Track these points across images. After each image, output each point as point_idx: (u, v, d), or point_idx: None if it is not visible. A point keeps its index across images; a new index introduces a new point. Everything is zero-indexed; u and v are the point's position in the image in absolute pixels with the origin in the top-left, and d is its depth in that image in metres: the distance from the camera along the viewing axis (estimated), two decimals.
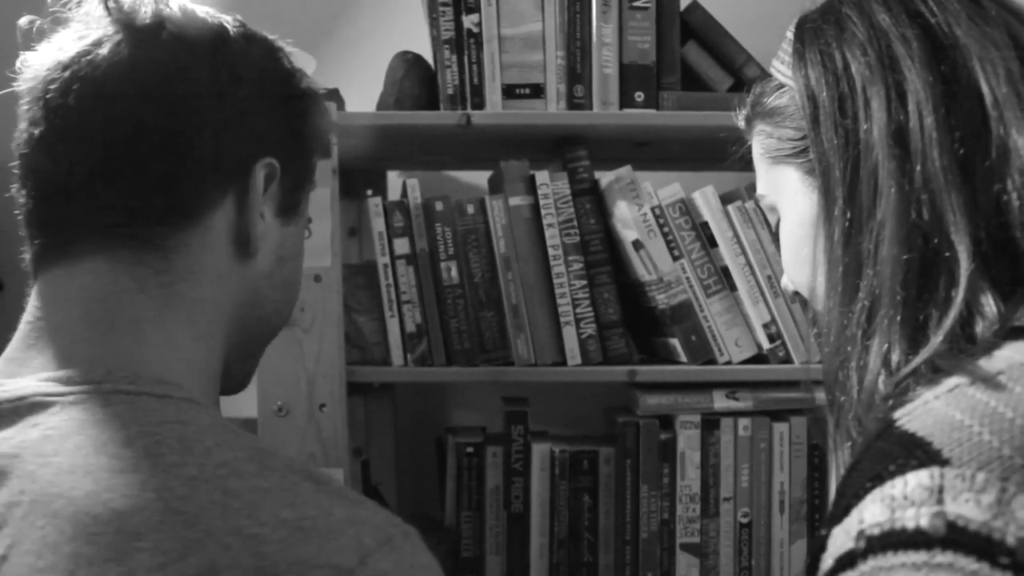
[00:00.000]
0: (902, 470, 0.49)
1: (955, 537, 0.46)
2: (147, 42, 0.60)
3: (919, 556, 0.46)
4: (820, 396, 1.19)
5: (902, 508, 0.48)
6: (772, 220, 0.77)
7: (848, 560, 0.49)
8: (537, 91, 1.21)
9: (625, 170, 1.21)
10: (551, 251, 1.20)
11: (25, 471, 0.51)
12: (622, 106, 1.21)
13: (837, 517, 0.52)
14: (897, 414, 0.53)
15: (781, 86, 0.71)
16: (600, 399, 1.41)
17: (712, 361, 1.21)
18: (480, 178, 1.48)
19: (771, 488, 1.22)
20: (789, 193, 0.71)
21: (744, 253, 1.20)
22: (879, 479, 0.50)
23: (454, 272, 1.20)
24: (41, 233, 0.61)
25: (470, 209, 1.21)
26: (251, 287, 0.66)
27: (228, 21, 0.65)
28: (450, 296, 1.20)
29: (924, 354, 0.56)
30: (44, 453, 0.51)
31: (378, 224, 1.20)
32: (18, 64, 0.62)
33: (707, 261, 1.21)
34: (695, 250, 1.21)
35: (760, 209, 1.21)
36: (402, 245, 1.20)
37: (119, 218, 0.60)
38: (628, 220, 1.19)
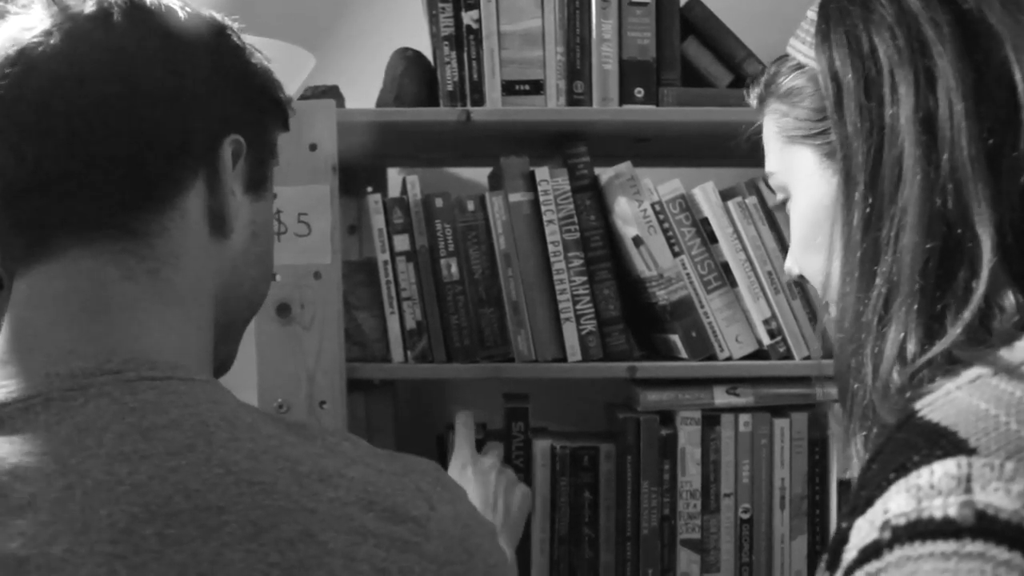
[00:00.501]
0: (927, 460, 0.49)
1: (985, 526, 0.45)
2: (99, 28, 0.58)
3: (948, 545, 0.46)
4: (821, 391, 1.20)
5: (929, 498, 0.47)
6: (778, 199, 0.77)
7: (873, 550, 0.48)
8: (537, 87, 1.21)
9: (625, 166, 1.21)
10: (551, 247, 1.20)
11: (67, 466, 0.50)
12: (622, 102, 1.21)
13: (859, 508, 0.51)
14: (918, 405, 0.53)
15: (800, 66, 0.70)
16: (601, 395, 1.41)
17: (712, 357, 1.21)
18: (480, 175, 1.48)
19: (772, 484, 1.22)
20: (803, 174, 0.70)
21: (744, 249, 1.20)
22: (903, 469, 0.49)
23: (454, 269, 1.20)
24: (15, 233, 0.59)
25: (470, 206, 1.21)
26: (230, 266, 0.67)
27: (173, 3, 0.63)
28: (450, 293, 1.20)
29: (941, 345, 0.56)
30: (85, 447, 0.50)
31: (378, 221, 1.20)
32: None
33: (707, 257, 1.21)
34: (695, 246, 1.21)
35: (761, 204, 1.20)
36: (402, 242, 1.20)
37: (95, 209, 0.59)
38: (628, 216, 1.19)
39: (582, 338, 1.20)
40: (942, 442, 0.49)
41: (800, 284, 0.77)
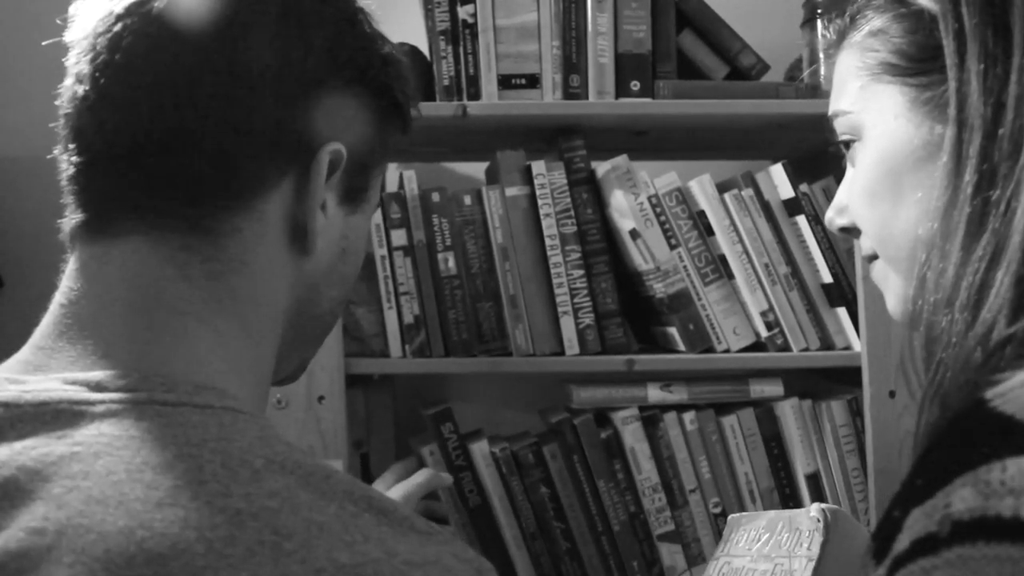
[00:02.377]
0: (998, 454, 0.44)
1: None
2: None
3: (1016, 550, 0.42)
4: (755, 389, 1.21)
5: (998, 496, 0.43)
6: (841, 137, 0.70)
7: (929, 545, 0.44)
8: (533, 81, 1.21)
9: (621, 159, 1.21)
10: (548, 241, 1.20)
11: (51, 494, 0.45)
12: (618, 95, 1.21)
13: (916, 498, 0.47)
14: (989, 394, 0.48)
15: (898, 1, 0.64)
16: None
17: (710, 349, 1.21)
18: (477, 169, 1.48)
19: (736, 479, 1.23)
20: (887, 116, 0.64)
21: (741, 241, 1.20)
22: (971, 463, 0.45)
23: (451, 263, 1.20)
24: (80, 203, 0.55)
25: (467, 200, 1.21)
26: (308, 283, 0.60)
27: None
28: (448, 287, 1.20)
29: None
30: (72, 475, 0.45)
31: (375, 216, 1.20)
32: (71, 10, 0.56)
33: (704, 250, 1.21)
34: (692, 239, 1.21)
35: (757, 196, 1.21)
36: (399, 236, 1.20)
37: (165, 194, 0.53)
38: (625, 209, 1.19)
39: (580, 332, 1.20)
40: (1016, 437, 0.45)
41: (852, 231, 0.72)
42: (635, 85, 1.21)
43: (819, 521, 0.84)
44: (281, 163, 0.56)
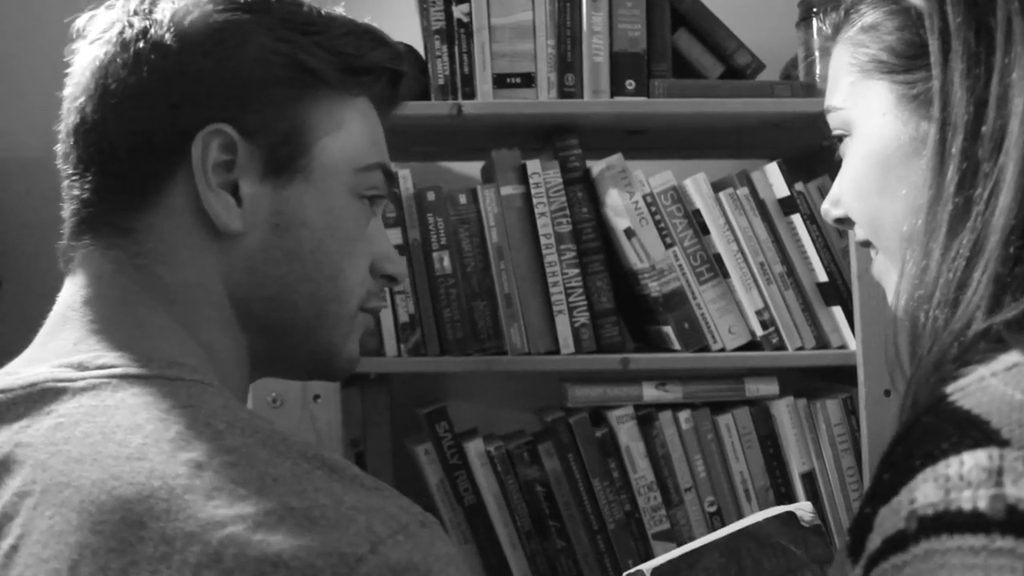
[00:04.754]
0: (957, 449, 0.46)
1: (1016, 521, 0.43)
2: (111, 30, 0.62)
3: (977, 540, 0.43)
4: (751, 387, 1.21)
5: (958, 489, 0.45)
6: (835, 132, 0.71)
7: (899, 542, 0.46)
8: (528, 80, 1.21)
9: (616, 158, 1.21)
10: (543, 240, 1.20)
11: (37, 460, 0.51)
12: (613, 94, 1.21)
13: (883, 495, 0.48)
14: (949, 388, 0.50)
15: None
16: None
17: (706, 348, 1.21)
18: (472, 168, 1.48)
19: (731, 477, 1.23)
20: (876, 112, 0.65)
21: (736, 240, 1.20)
22: (931, 457, 0.46)
23: (446, 262, 1.20)
24: (67, 226, 0.63)
25: (462, 199, 1.21)
26: (243, 266, 0.61)
27: None
28: (443, 286, 1.20)
29: (1000, 317, 0.52)
30: (55, 442, 0.51)
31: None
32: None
33: (699, 248, 1.21)
34: (687, 237, 1.21)
35: (752, 195, 1.21)
36: (394, 235, 1.20)
37: (95, 206, 0.61)
38: (620, 208, 1.19)
39: (575, 330, 1.20)
40: (973, 431, 0.46)
41: (847, 222, 0.72)
42: (630, 84, 1.21)
43: None
44: (162, 160, 0.60)
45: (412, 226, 1.20)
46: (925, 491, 0.46)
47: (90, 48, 0.62)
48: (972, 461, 0.45)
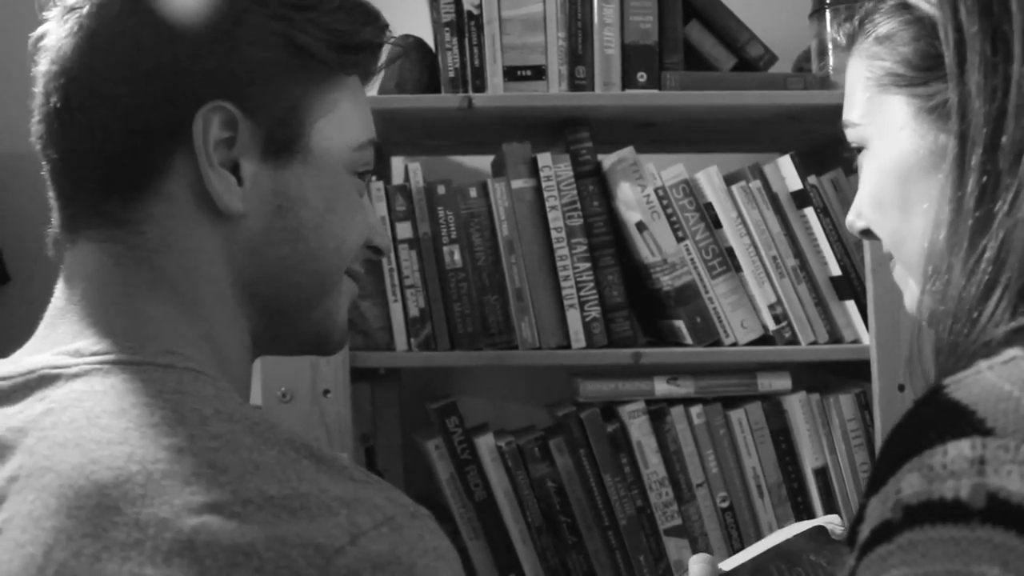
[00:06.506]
0: (941, 439, 0.46)
1: (995, 509, 0.43)
2: (88, 12, 0.59)
3: (957, 531, 0.43)
4: (763, 382, 1.20)
5: (941, 479, 0.45)
6: (852, 146, 0.71)
7: (885, 532, 0.46)
8: (539, 73, 1.20)
9: (628, 151, 1.20)
10: (554, 234, 1.19)
11: (26, 445, 0.50)
12: (624, 87, 1.20)
13: (875, 487, 0.49)
14: (947, 380, 0.50)
15: (904, 5, 0.64)
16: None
17: (718, 343, 1.20)
18: (482, 162, 1.47)
19: (743, 473, 1.22)
20: (893, 127, 0.65)
21: (749, 234, 1.19)
22: (918, 447, 0.47)
23: (457, 256, 1.20)
24: (58, 215, 0.62)
25: (472, 193, 1.21)
26: (246, 248, 0.61)
27: None
28: (453, 280, 1.20)
29: (1013, 324, 0.52)
30: (44, 427, 0.51)
31: (380, 208, 1.19)
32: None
33: (711, 242, 1.20)
34: (699, 231, 1.20)
35: (765, 188, 1.20)
36: (405, 229, 1.19)
37: (88, 196, 0.59)
38: (631, 202, 1.19)
39: (586, 325, 1.20)
40: (959, 421, 0.46)
41: (870, 234, 0.72)
42: (642, 76, 1.21)
43: None
44: (158, 145, 0.58)
45: (422, 220, 1.20)
46: (910, 481, 0.46)
47: (67, 19, 0.59)
48: (956, 451, 0.45)
